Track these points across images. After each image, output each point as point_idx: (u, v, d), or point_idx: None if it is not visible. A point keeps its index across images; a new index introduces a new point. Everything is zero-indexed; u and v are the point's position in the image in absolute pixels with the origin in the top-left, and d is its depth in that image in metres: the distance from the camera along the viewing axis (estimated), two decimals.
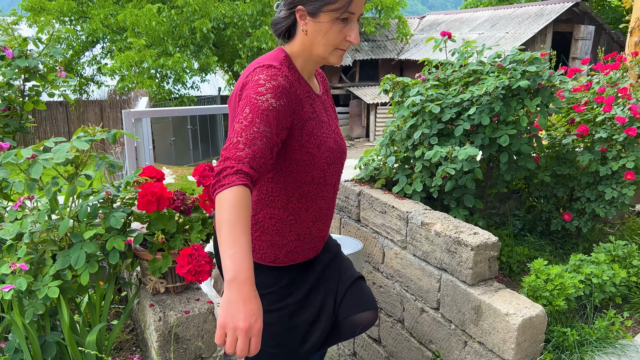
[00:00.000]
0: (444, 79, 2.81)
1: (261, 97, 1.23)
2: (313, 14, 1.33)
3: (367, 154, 3.08)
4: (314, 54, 1.40)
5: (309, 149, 1.40)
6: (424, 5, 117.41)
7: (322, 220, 1.55)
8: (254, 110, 1.21)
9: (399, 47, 19.16)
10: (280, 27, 1.41)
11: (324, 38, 1.35)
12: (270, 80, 1.27)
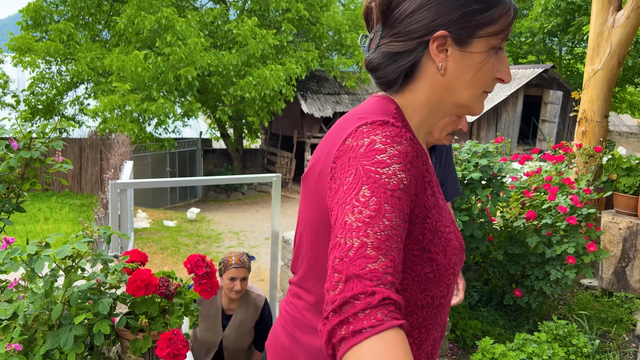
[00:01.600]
0: None
1: (385, 170, 0.80)
2: (462, 42, 0.91)
3: None
4: (449, 102, 0.96)
5: (432, 255, 0.93)
6: None
7: (434, 356, 1.07)
8: (377, 190, 0.77)
9: None
10: (399, 67, 0.94)
11: (476, 76, 0.92)
12: (393, 144, 0.84)
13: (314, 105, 18.04)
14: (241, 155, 19.32)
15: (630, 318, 3.43)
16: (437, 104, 0.97)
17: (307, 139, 18.42)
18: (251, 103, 14.78)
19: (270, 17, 16.46)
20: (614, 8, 3.77)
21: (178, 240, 10.09)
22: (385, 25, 0.96)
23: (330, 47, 17.77)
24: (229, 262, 2.76)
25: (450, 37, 0.89)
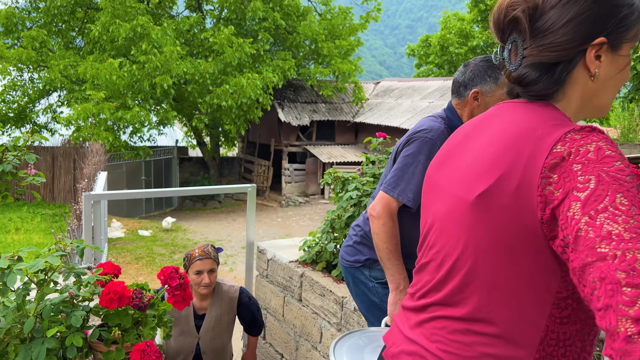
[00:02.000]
0: (379, 175, 3.17)
1: (627, 178, 0.78)
2: (616, 47, 0.93)
3: (312, 234, 3.36)
4: (592, 106, 0.98)
5: None
6: (382, 66, 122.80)
7: None
8: (633, 198, 0.76)
9: (354, 110, 20.03)
10: (559, 79, 0.93)
11: (619, 78, 0.96)
12: (616, 149, 0.82)
13: (291, 113, 18.12)
14: (218, 164, 19.26)
15: None
16: (582, 109, 0.96)
17: (285, 147, 18.48)
18: (228, 111, 14.78)
19: (247, 25, 16.53)
20: None
21: (153, 250, 10.01)
22: (531, 35, 0.92)
23: (307, 56, 17.91)
24: (192, 255, 2.61)
25: (607, 44, 0.90)
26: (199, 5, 17.28)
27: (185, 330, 2.67)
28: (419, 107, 18.09)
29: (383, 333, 1.44)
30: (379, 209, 1.80)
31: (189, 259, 2.61)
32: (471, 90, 1.84)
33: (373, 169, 3.26)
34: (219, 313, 2.70)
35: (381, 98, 20.66)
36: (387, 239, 1.78)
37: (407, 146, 1.84)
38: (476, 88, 1.83)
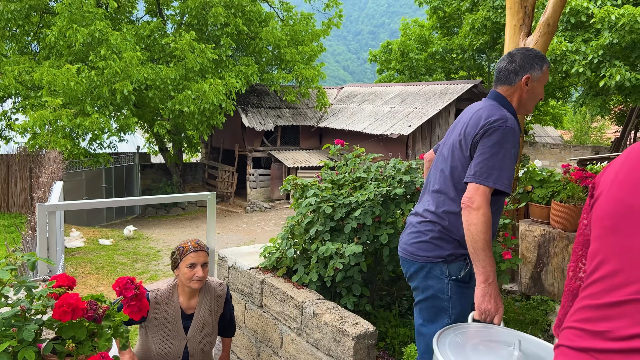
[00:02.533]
0: (337, 181, 3.24)
1: None
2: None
3: (273, 241, 3.40)
4: None
5: None
6: (346, 71, 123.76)
7: None
8: None
9: (318, 115, 20.15)
10: None
11: None
12: None
13: (255, 119, 18.08)
14: (181, 170, 19.00)
15: (545, 319, 3.72)
16: None
17: (249, 153, 18.41)
18: (190, 117, 14.63)
19: (208, 31, 16.42)
20: (524, 34, 4.12)
21: (114, 259, 9.80)
22: None
23: (270, 62, 17.91)
24: (185, 248, 2.50)
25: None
26: (159, 10, 17.06)
27: (172, 333, 2.52)
28: (381, 112, 18.35)
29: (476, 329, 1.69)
30: (478, 199, 1.83)
31: (182, 252, 2.49)
32: (523, 77, 2.01)
33: (332, 175, 3.32)
34: (209, 311, 2.60)
35: (344, 103, 20.85)
36: (485, 229, 1.82)
37: (487, 137, 1.90)
38: (527, 74, 2.01)
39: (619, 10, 11.86)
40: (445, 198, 2.02)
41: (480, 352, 1.61)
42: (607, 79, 12.23)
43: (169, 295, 2.53)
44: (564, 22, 13.32)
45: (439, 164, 2.12)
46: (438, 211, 2.03)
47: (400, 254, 2.16)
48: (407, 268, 2.15)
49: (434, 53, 20.42)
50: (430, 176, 2.19)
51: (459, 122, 2.13)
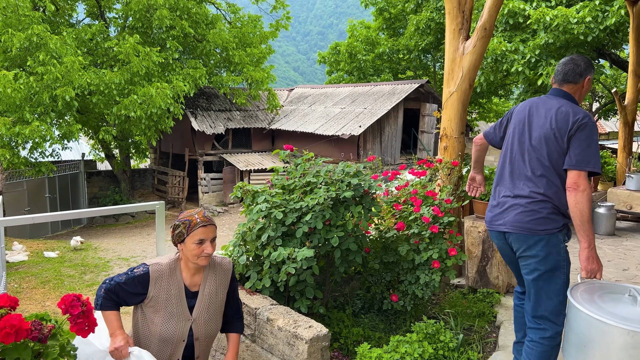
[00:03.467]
0: (288, 186, 3.27)
1: None
2: None
3: (225, 248, 3.39)
4: None
5: None
6: (296, 72, 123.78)
7: None
8: None
9: (270, 117, 20.09)
10: None
11: None
12: None
13: (205, 122, 17.83)
14: (129, 177, 18.49)
15: (491, 311, 3.89)
16: None
17: (200, 157, 18.13)
18: (137, 122, 14.27)
19: (153, 34, 16.06)
20: (463, 37, 4.29)
21: (61, 272, 9.43)
22: None
23: (218, 64, 17.72)
24: (192, 221, 2.22)
25: None
26: (101, 13, 16.54)
27: (175, 313, 2.25)
28: (332, 112, 18.51)
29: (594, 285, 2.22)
30: (583, 183, 2.34)
31: (189, 226, 2.22)
32: (586, 77, 2.54)
33: (282, 180, 3.36)
34: (214, 289, 2.34)
35: (295, 105, 20.89)
36: (589, 205, 2.33)
37: (582, 131, 2.39)
38: (589, 75, 2.54)
39: (553, 12, 12.47)
40: (548, 181, 2.46)
41: (607, 300, 2.11)
42: (544, 77, 12.83)
43: (172, 271, 2.27)
44: (503, 23, 13.88)
45: (528, 152, 2.54)
46: (548, 192, 2.45)
47: (515, 231, 2.52)
48: (524, 242, 2.51)
49: (381, 54, 20.79)
50: (517, 162, 2.59)
51: (536, 116, 2.56)
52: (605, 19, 11.88)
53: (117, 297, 2.22)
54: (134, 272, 2.24)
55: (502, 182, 2.64)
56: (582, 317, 2.05)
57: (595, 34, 12.09)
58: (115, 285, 2.22)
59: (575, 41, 12.68)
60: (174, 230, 2.27)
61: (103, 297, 2.22)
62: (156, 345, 2.25)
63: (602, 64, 16.85)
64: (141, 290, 2.23)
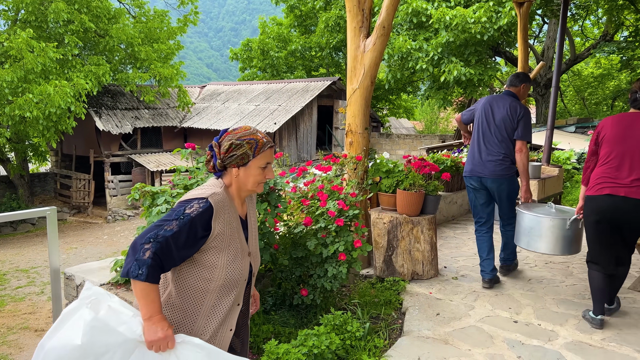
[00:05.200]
0: (190, 186, 3.19)
1: None
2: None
3: (124, 253, 3.24)
4: None
5: None
6: (210, 69, 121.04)
7: None
8: None
9: (181, 115, 19.50)
10: None
11: None
12: None
13: (111, 121, 16.95)
14: (27, 182, 17.15)
15: (397, 298, 4.05)
16: None
17: (106, 158, 17.21)
18: (34, 123, 13.25)
19: (49, 28, 14.98)
20: (364, 35, 4.41)
21: None
22: None
23: (123, 61, 16.89)
24: (259, 141, 1.86)
25: None
26: None
27: (239, 249, 1.90)
28: (247, 110, 18.33)
29: (531, 205, 4.00)
30: (524, 148, 3.96)
31: (256, 147, 1.85)
32: (522, 84, 4.15)
33: (184, 179, 3.26)
34: (255, 217, 2.08)
35: (208, 102, 20.44)
36: (527, 161, 3.98)
37: (525, 117, 3.98)
38: (525, 83, 4.15)
39: (453, 12, 13.19)
40: (506, 146, 4.00)
41: (537, 209, 3.87)
42: (447, 74, 13.54)
43: (230, 199, 1.90)
44: (408, 22, 14.46)
45: (496, 129, 4.02)
46: (507, 153, 4.00)
47: (492, 176, 4.02)
48: (498, 182, 4.03)
49: (294, 51, 20.87)
50: (489, 135, 4.06)
51: (495, 106, 4.07)
52: (498, 20, 12.76)
53: (168, 258, 1.70)
54: (186, 212, 1.75)
55: (478, 148, 4.11)
56: (526, 217, 3.80)
57: (491, 34, 12.95)
58: (165, 242, 1.68)
59: (473, 40, 13.50)
60: (233, 149, 1.84)
61: (150, 265, 1.64)
62: (213, 300, 1.86)
63: (498, 61, 18.08)
64: (202, 232, 1.77)
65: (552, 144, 7.99)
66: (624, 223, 3.16)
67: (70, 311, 1.70)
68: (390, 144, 18.93)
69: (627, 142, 3.12)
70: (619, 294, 3.78)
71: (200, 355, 1.71)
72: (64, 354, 1.62)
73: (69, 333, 1.63)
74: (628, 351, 3.03)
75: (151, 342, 1.67)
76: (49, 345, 1.64)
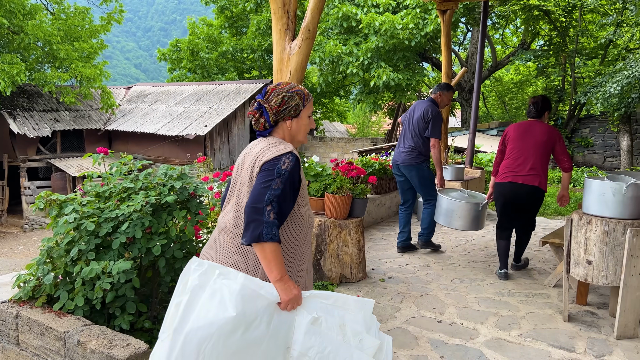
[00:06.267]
0: (103, 193, 2.99)
1: None
2: None
3: (29, 267, 2.98)
4: None
5: None
6: (138, 69, 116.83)
7: None
8: None
9: (105, 117, 18.61)
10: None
11: None
12: None
13: (27, 124, 15.85)
14: None
15: None
16: None
17: (22, 163, 16.08)
18: None
19: None
20: (289, 38, 4.35)
21: None
22: None
23: (40, 60, 15.87)
24: (304, 92, 2.00)
25: None
26: None
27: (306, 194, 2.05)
28: (176, 112, 17.79)
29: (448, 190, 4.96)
30: (436, 144, 4.78)
31: (304, 97, 1.99)
32: (439, 92, 4.99)
33: (96, 186, 3.06)
34: None
35: (134, 104, 19.66)
36: (439, 155, 4.87)
37: (434, 117, 4.75)
38: (441, 91, 4.99)
39: (382, 17, 13.48)
40: (416, 140, 4.84)
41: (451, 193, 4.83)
42: (376, 79, 13.81)
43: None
44: (338, 26, 14.61)
45: (412, 128, 4.89)
46: (415, 146, 4.85)
47: (403, 164, 4.92)
48: (409, 169, 4.90)
49: (225, 52, 20.52)
50: (407, 132, 4.95)
51: (415, 110, 4.94)
52: (425, 26, 13.18)
53: (283, 216, 1.82)
54: (282, 169, 1.84)
55: (399, 142, 5.04)
56: (444, 200, 4.72)
57: (418, 40, 13.34)
58: (279, 201, 1.78)
59: (401, 45, 13.85)
60: (285, 102, 1.94)
61: (277, 225, 1.76)
62: (301, 247, 1.99)
63: (425, 67, 18.71)
64: (297, 185, 1.91)
65: (474, 147, 8.32)
66: (521, 202, 4.25)
67: (194, 290, 1.67)
68: (324, 147, 19.05)
69: (525, 141, 4.18)
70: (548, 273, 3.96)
71: (326, 304, 1.79)
72: (213, 330, 1.60)
73: (211, 309, 1.63)
74: (543, 346, 3.17)
75: (287, 302, 1.74)
76: (189, 328, 1.61)
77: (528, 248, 5.45)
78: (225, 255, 1.93)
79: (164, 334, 1.72)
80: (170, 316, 1.72)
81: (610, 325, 3.44)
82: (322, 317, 1.77)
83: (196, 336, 1.61)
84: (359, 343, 1.76)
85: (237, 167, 2.07)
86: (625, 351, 3.08)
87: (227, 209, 2.05)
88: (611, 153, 14.17)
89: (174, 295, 1.76)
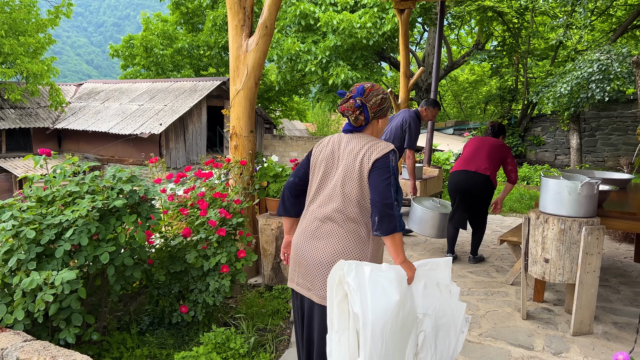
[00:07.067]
0: (45, 197, 2.79)
1: None
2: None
3: None
4: None
5: None
6: (90, 66, 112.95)
7: None
8: None
9: (54, 116, 17.84)
10: None
11: None
12: None
13: None
14: None
15: (286, 307, 3.92)
16: None
17: None
18: None
19: None
20: (246, 35, 4.22)
21: None
22: None
23: None
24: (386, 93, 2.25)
25: None
26: None
27: None
28: (129, 110, 17.23)
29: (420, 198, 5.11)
30: (411, 154, 5.12)
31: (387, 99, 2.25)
32: (425, 107, 5.23)
33: (37, 191, 2.85)
34: None
35: (85, 101, 18.93)
36: (413, 164, 5.19)
37: (409, 130, 5.07)
38: (425, 106, 5.23)
39: (340, 16, 13.45)
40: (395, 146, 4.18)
41: (424, 202, 4.96)
42: (335, 77, 13.78)
43: None
44: (296, 24, 14.49)
45: (391, 132, 5.14)
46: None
47: None
48: None
49: (180, 49, 20.04)
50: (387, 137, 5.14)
51: (397, 116, 5.23)
52: (382, 25, 13.24)
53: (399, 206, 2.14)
54: (393, 165, 2.13)
55: None
56: (417, 209, 4.82)
57: (376, 39, 13.39)
58: (398, 195, 2.10)
59: (359, 44, 13.87)
60: (382, 103, 2.19)
61: (401, 216, 2.07)
62: None
63: (384, 66, 18.84)
64: None
65: (432, 146, 8.40)
66: (470, 190, 4.63)
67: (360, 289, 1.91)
68: (284, 146, 18.90)
69: (480, 148, 4.71)
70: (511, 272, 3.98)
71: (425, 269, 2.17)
72: (388, 316, 1.90)
73: (380, 299, 1.91)
74: (502, 344, 3.18)
75: (411, 277, 2.08)
76: (371, 320, 1.87)
77: (485, 245, 5.52)
78: (337, 242, 2.14)
79: (337, 333, 1.95)
80: (336, 317, 1.96)
81: (566, 322, 3.49)
82: (426, 281, 2.15)
83: (378, 325, 1.88)
84: (449, 293, 2.21)
85: (327, 159, 2.23)
86: (581, 347, 3.13)
87: (323, 199, 2.20)
88: (562, 151, 14.68)
89: (330, 296, 1.97)
